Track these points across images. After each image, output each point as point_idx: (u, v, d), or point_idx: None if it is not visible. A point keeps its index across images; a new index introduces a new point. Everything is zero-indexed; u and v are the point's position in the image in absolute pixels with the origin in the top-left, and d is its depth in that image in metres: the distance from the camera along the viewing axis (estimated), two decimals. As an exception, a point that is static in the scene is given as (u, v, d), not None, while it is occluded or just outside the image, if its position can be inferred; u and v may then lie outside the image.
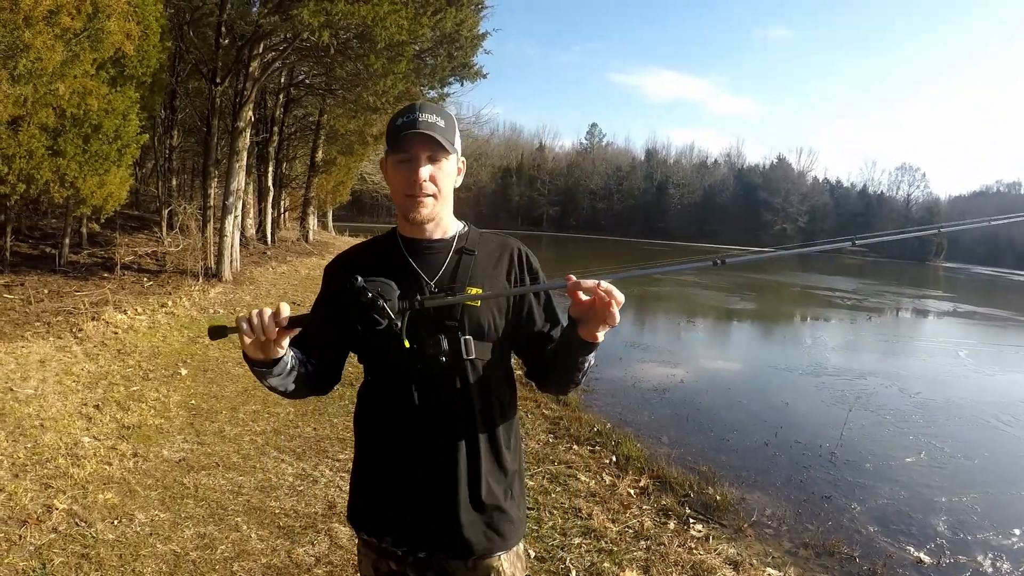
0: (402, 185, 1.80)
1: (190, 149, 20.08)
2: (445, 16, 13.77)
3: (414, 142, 1.77)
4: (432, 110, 1.82)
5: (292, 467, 5.07)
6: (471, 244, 1.91)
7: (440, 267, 1.85)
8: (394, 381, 1.81)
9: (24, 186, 8.77)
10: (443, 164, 1.82)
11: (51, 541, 3.64)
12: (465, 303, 1.77)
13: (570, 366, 1.76)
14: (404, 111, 1.82)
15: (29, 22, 7.10)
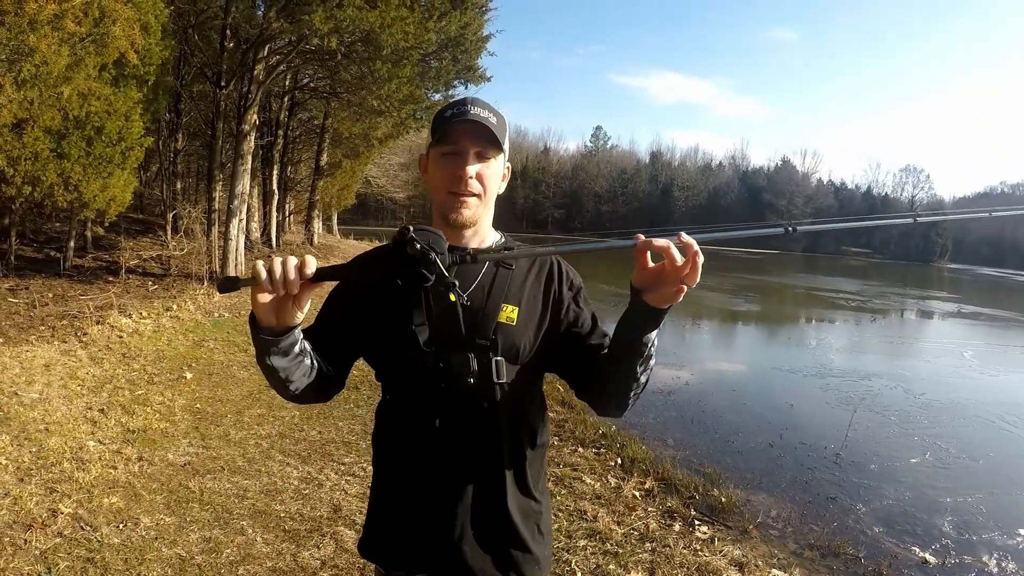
0: (445, 180, 1.64)
1: (195, 152, 20.14)
2: (450, 20, 13.79)
3: (463, 133, 1.62)
4: (484, 105, 1.67)
5: (297, 471, 5.07)
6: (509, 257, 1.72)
7: (474, 280, 1.68)
8: (414, 401, 1.66)
9: (29, 188, 8.80)
10: (491, 163, 1.66)
11: (56, 545, 3.65)
12: (500, 320, 1.64)
13: (631, 354, 1.50)
14: (454, 103, 1.67)
15: (34, 26, 7.13)
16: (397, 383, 1.71)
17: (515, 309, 1.66)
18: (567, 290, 1.76)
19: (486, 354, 1.61)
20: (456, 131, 1.61)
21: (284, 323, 1.40)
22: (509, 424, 1.66)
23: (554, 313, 1.72)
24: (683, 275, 1.35)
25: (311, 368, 1.55)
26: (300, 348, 1.48)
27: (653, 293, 1.40)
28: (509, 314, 1.65)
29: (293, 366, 1.49)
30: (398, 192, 46.59)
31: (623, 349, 1.51)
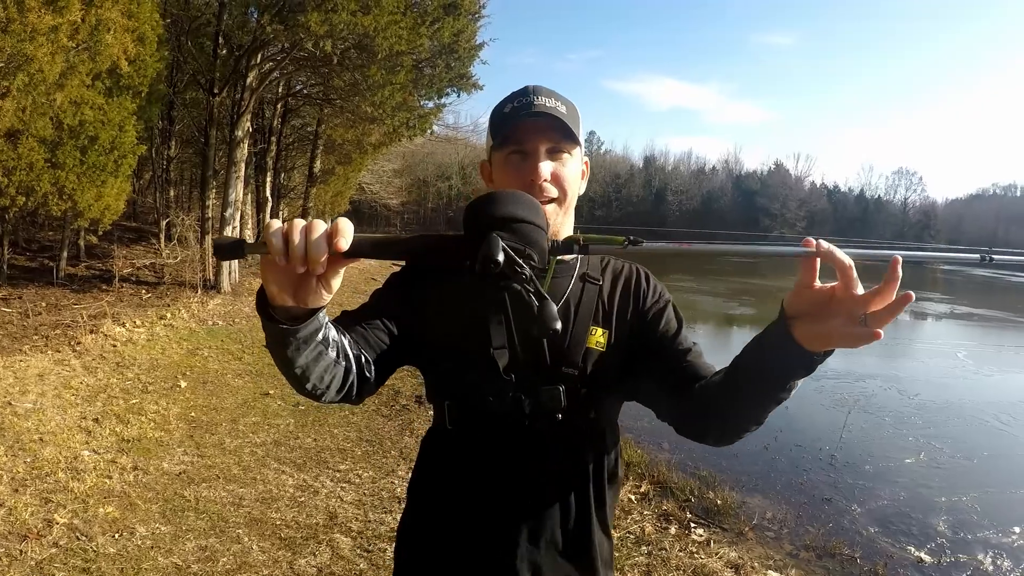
0: (515, 186, 1.34)
1: (188, 160, 20.13)
2: (443, 26, 13.81)
3: (531, 129, 1.39)
4: (550, 93, 1.43)
5: (293, 478, 5.07)
6: (592, 270, 1.50)
7: (559, 298, 1.44)
8: (488, 438, 1.41)
9: (24, 199, 8.79)
10: (568, 160, 1.43)
11: (52, 556, 3.65)
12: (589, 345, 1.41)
13: (765, 394, 1.16)
14: (514, 95, 1.45)
15: (34, 35, 7.15)
16: (465, 414, 1.43)
17: (605, 332, 1.44)
18: (656, 304, 1.50)
19: (575, 386, 1.38)
20: (522, 128, 1.39)
21: (304, 305, 1.04)
22: (596, 461, 1.44)
23: (645, 334, 1.46)
24: (865, 309, 0.99)
25: (335, 362, 1.21)
26: (324, 336, 1.15)
27: (809, 326, 1.05)
28: (599, 338, 1.43)
29: (312, 360, 1.15)
30: (392, 198, 46.63)
31: (752, 386, 1.18)
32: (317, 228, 0.95)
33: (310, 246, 0.93)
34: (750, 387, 1.18)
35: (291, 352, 1.10)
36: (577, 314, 1.43)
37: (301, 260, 0.94)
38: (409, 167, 57.32)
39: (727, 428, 1.30)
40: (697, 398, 1.30)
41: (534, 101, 1.39)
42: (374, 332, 1.40)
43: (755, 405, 1.20)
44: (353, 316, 1.43)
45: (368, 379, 1.34)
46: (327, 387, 1.23)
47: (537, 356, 1.35)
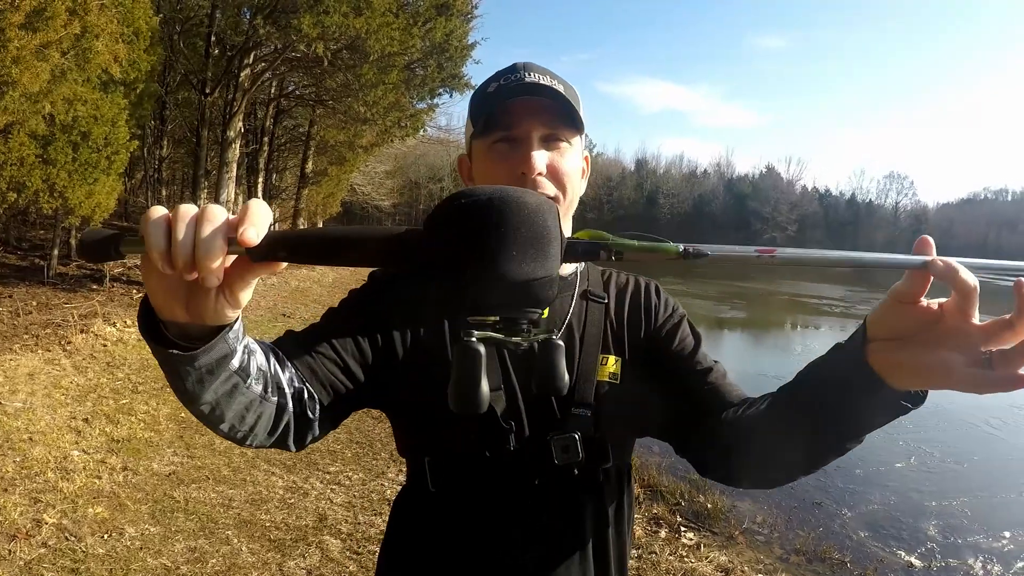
0: (503, 179, 1.10)
1: (180, 160, 20.09)
2: (435, 26, 13.83)
3: (522, 112, 1.12)
4: (543, 70, 1.17)
5: (282, 480, 5.05)
6: (595, 286, 1.26)
7: (560, 323, 1.20)
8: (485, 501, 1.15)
9: (14, 195, 8.75)
10: (567, 150, 1.16)
11: (41, 556, 3.62)
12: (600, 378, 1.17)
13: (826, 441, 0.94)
14: (500, 72, 1.18)
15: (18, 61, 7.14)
16: (453, 474, 1.16)
17: (618, 360, 1.19)
18: (671, 320, 1.28)
19: (590, 430, 1.13)
20: (511, 109, 1.12)
21: (201, 321, 0.74)
22: (616, 515, 1.22)
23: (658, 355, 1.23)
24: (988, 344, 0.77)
25: (261, 398, 0.91)
26: (241, 364, 0.84)
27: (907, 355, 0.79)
28: (611, 368, 1.18)
29: (224, 395, 0.84)
30: (383, 200, 46.56)
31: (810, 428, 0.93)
32: (211, 218, 0.66)
33: (199, 245, 0.65)
34: (806, 429, 0.93)
35: (191, 385, 0.79)
36: (583, 341, 1.18)
37: (188, 264, 0.66)
38: (401, 169, 57.22)
39: (767, 474, 1.07)
40: (728, 432, 1.06)
41: (525, 77, 1.13)
42: (324, 363, 1.10)
43: (811, 452, 0.96)
44: (299, 339, 1.14)
45: (311, 421, 1.05)
46: (251, 429, 0.93)
47: (541, 398, 1.13)
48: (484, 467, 1.12)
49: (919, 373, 0.78)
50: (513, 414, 1.11)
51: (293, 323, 11.86)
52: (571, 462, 1.10)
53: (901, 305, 0.79)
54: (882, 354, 0.81)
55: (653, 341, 1.24)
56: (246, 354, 0.85)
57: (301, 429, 1.04)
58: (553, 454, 1.10)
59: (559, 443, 1.10)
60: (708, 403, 1.13)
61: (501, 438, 1.10)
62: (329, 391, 1.09)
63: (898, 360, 0.79)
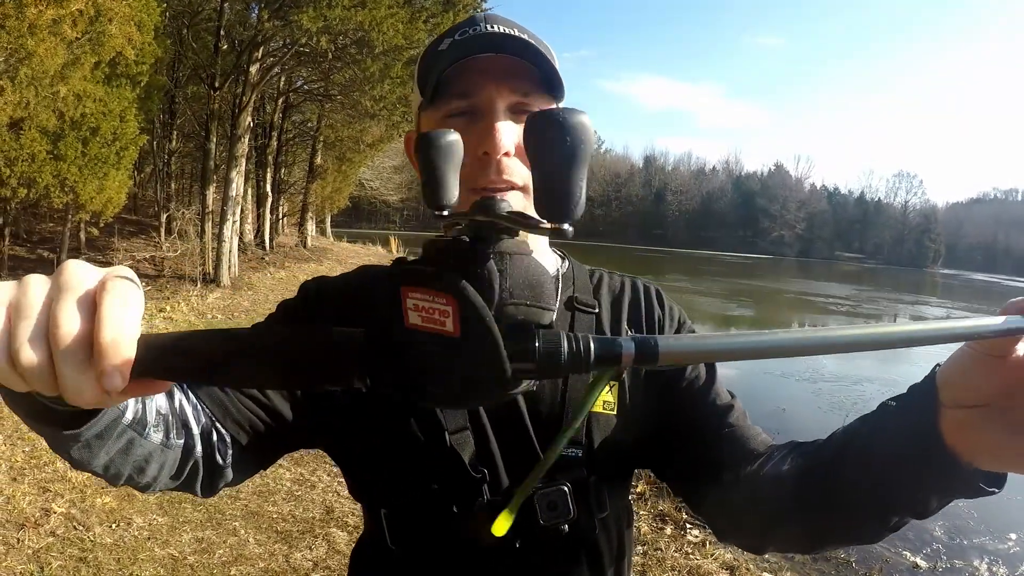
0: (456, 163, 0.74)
1: (189, 154, 20.11)
2: (442, 21, 13.82)
3: (484, 72, 0.89)
4: (510, 23, 0.93)
5: (290, 472, 5.07)
6: (582, 291, 1.02)
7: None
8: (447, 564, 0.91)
9: (25, 190, 8.78)
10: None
11: (49, 545, 3.65)
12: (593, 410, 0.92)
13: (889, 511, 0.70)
14: (458, 26, 0.95)
15: (33, 30, 7.14)
16: (415, 532, 0.92)
17: (614, 387, 0.95)
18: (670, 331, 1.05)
19: (582, 475, 0.90)
20: (470, 70, 0.89)
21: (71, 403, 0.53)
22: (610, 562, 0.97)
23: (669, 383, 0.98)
24: None
25: (162, 447, 0.76)
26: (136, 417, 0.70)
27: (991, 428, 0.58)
28: (606, 396, 0.94)
29: (119, 453, 0.70)
30: (391, 195, 46.60)
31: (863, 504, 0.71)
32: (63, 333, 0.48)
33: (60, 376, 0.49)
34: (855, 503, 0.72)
35: (77, 454, 0.65)
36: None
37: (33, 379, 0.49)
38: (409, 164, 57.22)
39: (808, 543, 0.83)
40: (757, 493, 0.84)
41: (486, 28, 0.90)
42: (239, 398, 0.89)
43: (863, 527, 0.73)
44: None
45: (222, 467, 0.87)
46: (153, 479, 0.77)
47: (520, 437, 0.90)
48: (452, 525, 0.88)
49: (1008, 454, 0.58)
50: (485, 460, 0.89)
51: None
52: (560, 520, 0.85)
53: (991, 359, 0.57)
54: (960, 427, 0.60)
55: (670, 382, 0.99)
56: (140, 402, 0.70)
57: (210, 474, 0.87)
58: (538, 513, 0.84)
59: (544, 499, 0.85)
60: (727, 453, 0.92)
61: (471, 489, 0.87)
62: (247, 430, 0.89)
63: (986, 437, 0.58)
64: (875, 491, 0.69)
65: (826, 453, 0.76)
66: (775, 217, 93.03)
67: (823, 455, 0.76)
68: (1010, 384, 0.56)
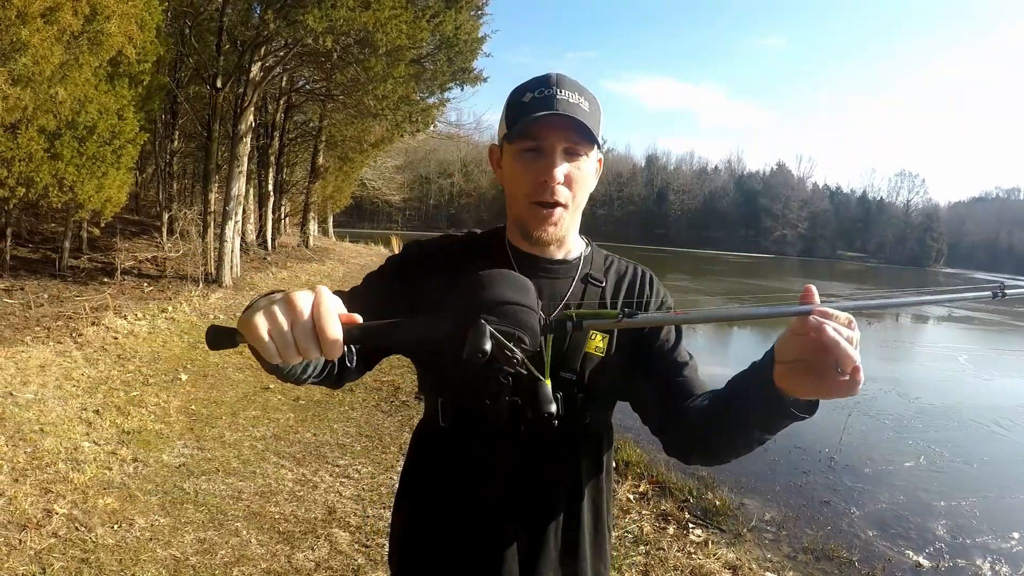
0: (527, 186, 1.34)
1: (191, 154, 20.10)
2: (444, 19, 13.81)
3: (550, 127, 1.31)
4: (572, 86, 1.35)
5: (292, 472, 5.08)
6: (596, 270, 1.48)
7: (562, 297, 1.43)
8: (481, 441, 1.39)
9: (23, 190, 8.76)
10: (583, 162, 1.37)
11: (51, 546, 3.65)
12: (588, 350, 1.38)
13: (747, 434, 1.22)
14: (534, 83, 1.35)
15: (24, 19, 7.05)
16: (460, 414, 1.41)
17: (605, 338, 1.39)
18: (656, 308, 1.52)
19: (573, 391, 1.35)
20: (540, 125, 1.31)
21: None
22: (592, 465, 1.45)
23: (645, 341, 1.44)
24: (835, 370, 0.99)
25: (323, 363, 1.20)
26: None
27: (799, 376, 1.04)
28: (598, 343, 1.39)
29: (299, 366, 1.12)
30: (393, 195, 46.51)
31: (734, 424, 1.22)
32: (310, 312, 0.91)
33: (298, 342, 0.91)
34: (732, 424, 1.22)
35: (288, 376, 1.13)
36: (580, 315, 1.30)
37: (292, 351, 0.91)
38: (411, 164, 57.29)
39: (710, 456, 1.35)
40: (683, 420, 1.34)
41: (556, 95, 1.30)
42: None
43: (737, 442, 1.26)
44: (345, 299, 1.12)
45: (349, 368, 1.30)
46: (302, 373, 1.15)
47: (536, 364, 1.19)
48: (484, 413, 1.31)
49: (805, 386, 1.03)
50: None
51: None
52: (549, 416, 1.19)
53: (795, 336, 1.02)
54: (782, 375, 1.06)
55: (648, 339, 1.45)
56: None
57: (342, 374, 1.30)
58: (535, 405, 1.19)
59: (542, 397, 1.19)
60: (677, 393, 1.38)
61: (499, 391, 1.28)
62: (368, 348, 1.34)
63: (797, 380, 1.04)
64: (741, 416, 1.19)
65: (719, 393, 1.28)
66: (777, 216, 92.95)
67: (718, 394, 1.28)
68: (804, 348, 1.00)
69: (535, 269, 1.40)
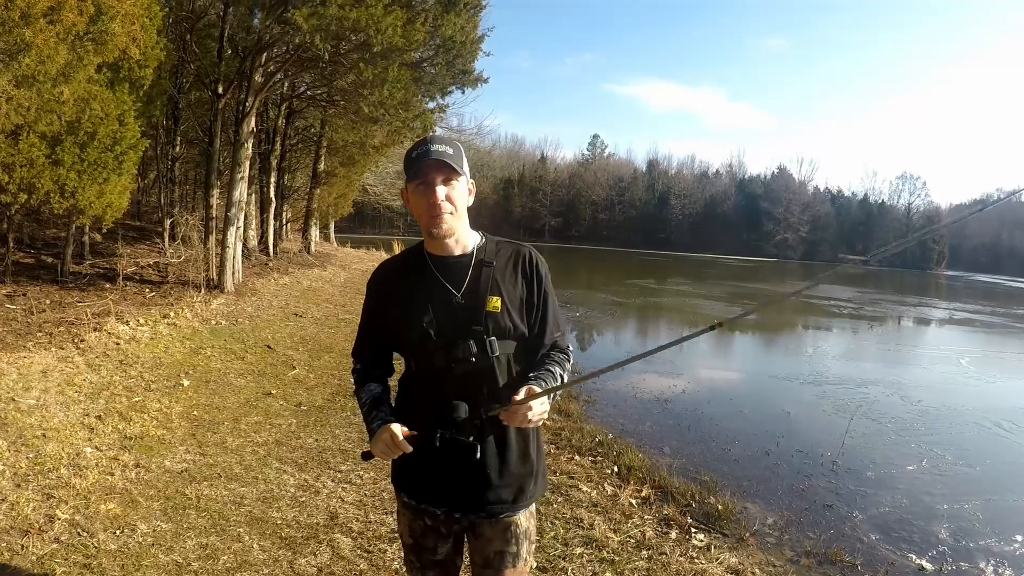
0: (423, 206, 2.08)
1: (192, 160, 20.08)
2: (443, 22, 13.79)
3: (430, 168, 2.05)
4: (442, 141, 2.11)
5: (294, 478, 5.08)
6: (488, 256, 2.19)
7: (464, 280, 2.14)
8: (432, 376, 2.10)
9: (25, 196, 8.76)
10: (455, 185, 2.10)
11: (53, 551, 3.65)
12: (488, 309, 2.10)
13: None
14: (417, 145, 2.12)
15: (28, 19, 7.04)
16: (418, 363, 2.14)
17: (498, 299, 2.11)
18: (534, 278, 2.21)
19: (481, 336, 2.06)
20: (424, 168, 2.05)
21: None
22: (504, 381, 2.11)
23: (528, 295, 2.19)
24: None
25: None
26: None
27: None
28: (494, 304, 2.10)
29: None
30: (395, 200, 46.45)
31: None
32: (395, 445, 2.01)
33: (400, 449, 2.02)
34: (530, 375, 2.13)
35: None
36: (477, 290, 2.10)
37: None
38: (413, 169, 57.13)
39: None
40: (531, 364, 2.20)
41: (431, 148, 2.05)
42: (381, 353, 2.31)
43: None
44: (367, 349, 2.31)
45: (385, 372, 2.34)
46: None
47: (455, 324, 2.06)
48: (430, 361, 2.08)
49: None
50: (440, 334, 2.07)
51: (304, 322, 11.91)
52: (468, 355, 2.04)
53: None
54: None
55: (526, 298, 2.18)
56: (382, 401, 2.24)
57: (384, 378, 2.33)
58: (460, 350, 2.04)
59: (458, 344, 2.04)
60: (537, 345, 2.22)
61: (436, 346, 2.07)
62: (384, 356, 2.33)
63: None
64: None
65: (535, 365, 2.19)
66: (778, 220, 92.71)
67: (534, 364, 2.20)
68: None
69: (444, 263, 2.14)
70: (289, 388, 7.61)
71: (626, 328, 19.34)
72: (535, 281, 2.21)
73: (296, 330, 11.19)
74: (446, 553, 2.28)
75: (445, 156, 2.06)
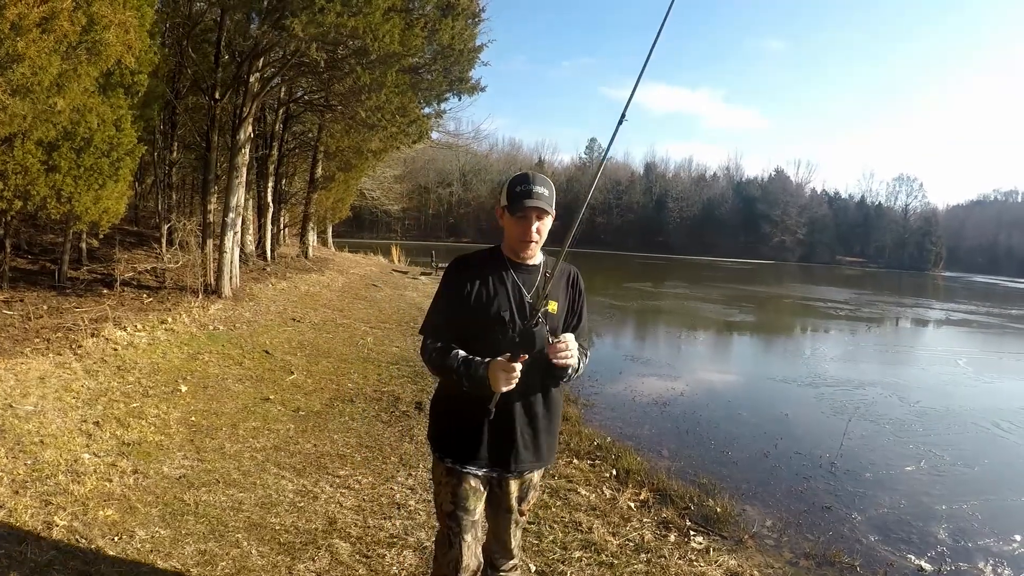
0: (519, 234, 2.62)
1: (189, 164, 20.07)
2: (441, 28, 13.80)
3: (530, 209, 2.58)
4: (541, 182, 2.65)
5: (292, 483, 5.07)
6: (549, 268, 2.69)
7: (534, 284, 2.67)
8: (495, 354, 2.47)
9: (20, 202, 8.74)
10: (546, 220, 2.66)
11: (52, 558, 3.64)
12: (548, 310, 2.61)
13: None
14: (520, 180, 2.66)
15: (19, 31, 7.01)
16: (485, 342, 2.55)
17: (554, 304, 2.67)
18: (578, 292, 2.81)
19: (543, 330, 2.47)
20: (526, 209, 2.56)
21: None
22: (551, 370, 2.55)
23: (571, 304, 2.78)
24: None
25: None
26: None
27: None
28: (552, 307, 2.64)
29: None
30: (393, 204, 46.52)
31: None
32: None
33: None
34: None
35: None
36: (542, 294, 2.52)
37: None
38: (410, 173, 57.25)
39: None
40: None
41: (533, 189, 2.59)
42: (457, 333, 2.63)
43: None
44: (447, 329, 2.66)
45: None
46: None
47: (523, 316, 2.58)
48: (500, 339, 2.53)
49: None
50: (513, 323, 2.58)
51: (302, 327, 11.89)
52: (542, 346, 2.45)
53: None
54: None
55: (571, 306, 2.77)
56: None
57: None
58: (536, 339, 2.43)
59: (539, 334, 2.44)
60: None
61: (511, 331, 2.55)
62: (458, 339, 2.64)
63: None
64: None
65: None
66: (776, 222, 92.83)
67: None
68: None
69: (520, 269, 2.69)
70: (287, 393, 7.60)
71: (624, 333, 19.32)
72: (577, 295, 2.80)
73: (294, 335, 11.18)
74: (479, 511, 2.71)
75: (542, 201, 2.58)
